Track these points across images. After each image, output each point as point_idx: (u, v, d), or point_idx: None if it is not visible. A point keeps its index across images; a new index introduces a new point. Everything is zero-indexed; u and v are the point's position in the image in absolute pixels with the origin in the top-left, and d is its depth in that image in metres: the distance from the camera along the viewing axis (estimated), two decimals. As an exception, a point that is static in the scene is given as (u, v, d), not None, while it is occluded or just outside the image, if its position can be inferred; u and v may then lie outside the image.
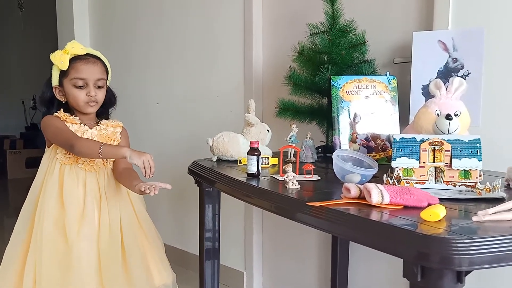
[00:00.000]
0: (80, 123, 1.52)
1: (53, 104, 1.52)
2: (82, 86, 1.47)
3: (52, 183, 1.47)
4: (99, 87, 1.50)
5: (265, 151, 1.55)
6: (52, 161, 1.50)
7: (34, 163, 5.87)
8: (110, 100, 1.60)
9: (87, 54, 1.50)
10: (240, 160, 1.51)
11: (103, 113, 1.60)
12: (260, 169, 1.31)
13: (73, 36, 3.04)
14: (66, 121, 1.49)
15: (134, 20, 2.84)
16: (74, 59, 1.47)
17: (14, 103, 6.19)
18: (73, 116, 1.52)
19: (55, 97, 1.52)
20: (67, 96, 1.50)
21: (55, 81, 1.50)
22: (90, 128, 1.53)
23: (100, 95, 1.51)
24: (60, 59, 1.45)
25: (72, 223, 1.44)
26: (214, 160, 1.59)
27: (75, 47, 1.47)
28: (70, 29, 3.11)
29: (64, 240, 1.43)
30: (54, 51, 1.48)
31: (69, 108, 1.53)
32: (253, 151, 1.30)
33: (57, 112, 1.50)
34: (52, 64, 1.48)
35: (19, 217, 1.52)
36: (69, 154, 1.47)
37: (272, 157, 1.50)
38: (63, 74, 1.48)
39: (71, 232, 1.43)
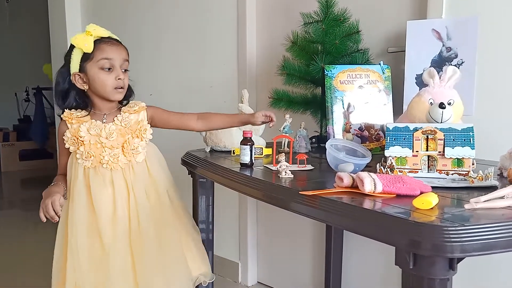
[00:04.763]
0: (91, 119, 1.40)
1: (69, 94, 1.41)
2: (110, 69, 1.38)
3: (78, 189, 1.39)
4: (125, 71, 1.43)
5: (259, 141, 1.54)
6: (74, 166, 1.41)
7: (27, 156, 5.87)
8: (129, 87, 1.50)
9: (109, 37, 1.43)
10: (233, 150, 1.50)
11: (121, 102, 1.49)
12: (253, 159, 1.30)
13: (64, 26, 3.01)
14: (72, 123, 1.39)
15: (126, 10, 2.81)
16: (98, 41, 1.38)
17: (6, 95, 6.14)
18: (84, 111, 1.41)
19: (72, 87, 1.40)
20: (91, 83, 1.37)
21: (75, 67, 1.38)
22: (108, 123, 1.41)
23: (126, 80, 1.43)
24: (83, 42, 1.36)
25: (106, 226, 1.38)
26: (208, 150, 1.58)
27: (97, 29, 1.39)
28: (62, 18, 3.07)
29: (99, 244, 1.38)
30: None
31: (85, 99, 1.42)
32: (246, 141, 1.30)
33: (63, 113, 1.41)
34: (71, 49, 1.38)
35: (58, 224, 1.45)
36: (91, 157, 1.38)
37: (265, 147, 1.50)
38: (86, 58, 1.37)
39: (105, 235, 1.38)
